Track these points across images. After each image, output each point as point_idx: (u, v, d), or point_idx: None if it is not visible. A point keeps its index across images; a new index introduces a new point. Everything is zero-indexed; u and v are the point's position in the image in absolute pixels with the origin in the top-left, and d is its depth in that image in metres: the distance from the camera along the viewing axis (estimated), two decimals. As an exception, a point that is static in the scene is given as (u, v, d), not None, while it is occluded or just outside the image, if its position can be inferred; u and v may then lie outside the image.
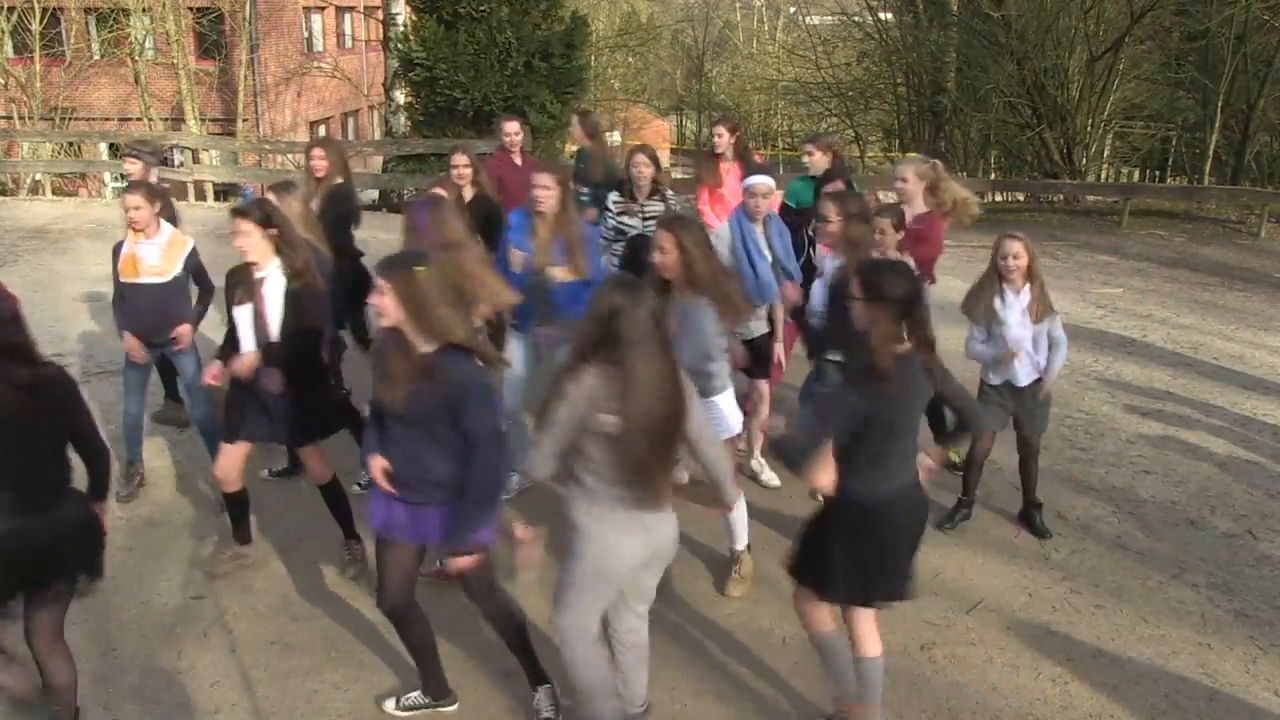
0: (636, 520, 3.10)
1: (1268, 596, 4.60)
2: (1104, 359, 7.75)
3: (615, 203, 5.80)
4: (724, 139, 6.41)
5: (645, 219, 5.71)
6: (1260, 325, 8.90)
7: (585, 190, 6.68)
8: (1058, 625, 4.34)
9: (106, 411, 5.87)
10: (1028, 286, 4.71)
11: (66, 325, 7.79)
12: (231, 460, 4.33)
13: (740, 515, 4.41)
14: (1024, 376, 4.79)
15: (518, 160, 6.58)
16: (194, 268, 5.18)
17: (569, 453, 3.07)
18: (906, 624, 4.30)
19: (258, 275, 4.17)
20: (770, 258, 4.91)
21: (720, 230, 4.97)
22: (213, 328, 5.96)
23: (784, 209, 5.77)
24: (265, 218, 4.15)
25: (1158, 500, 5.49)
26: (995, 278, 4.73)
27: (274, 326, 4.19)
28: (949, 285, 9.89)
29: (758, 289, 4.80)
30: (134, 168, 5.90)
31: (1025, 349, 4.73)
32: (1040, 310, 4.74)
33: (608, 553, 3.12)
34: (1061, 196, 15.37)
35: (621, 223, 5.78)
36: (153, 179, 5.86)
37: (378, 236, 11.66)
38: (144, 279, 4.99)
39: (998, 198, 16.26)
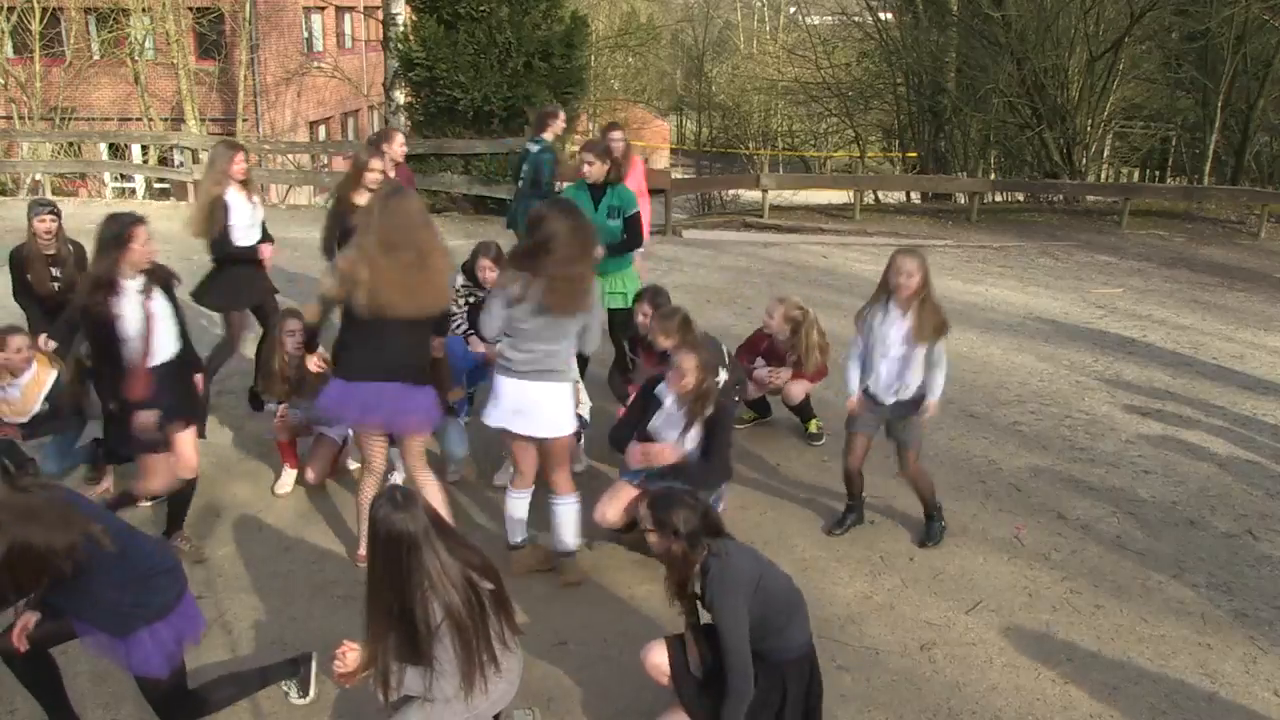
0: None
1: (1268, 596, 4.60)
2: (1104, 359, 7.75)
3: (464, 286, 5.68)
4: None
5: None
6: (1260, 325, 8.90)
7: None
8: (1058, 625, 4.34)
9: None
10: (914, 308, 4.50)
11: (66, 325, 7.78)
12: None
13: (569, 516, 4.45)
14: (887, 395, 4.67)
15: None
16: (56, 399, 5.02)
17: None
18: (906, 624, 4.30)
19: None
20: None
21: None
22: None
23: None
24: None
25: (1158, 500, 5.48)
26: (885, 292, 4.57)
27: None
28: (947, 285, 9.91)
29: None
30: (53, 223, 5.55)
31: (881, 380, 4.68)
32: (923, 333, 4.51)
33: None
34: (1061, 196, 15.38)
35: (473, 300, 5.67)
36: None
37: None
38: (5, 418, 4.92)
39: (998, 198, 16.27)
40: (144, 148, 19.40)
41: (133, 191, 19.83)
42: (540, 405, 4.24)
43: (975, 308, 9.08)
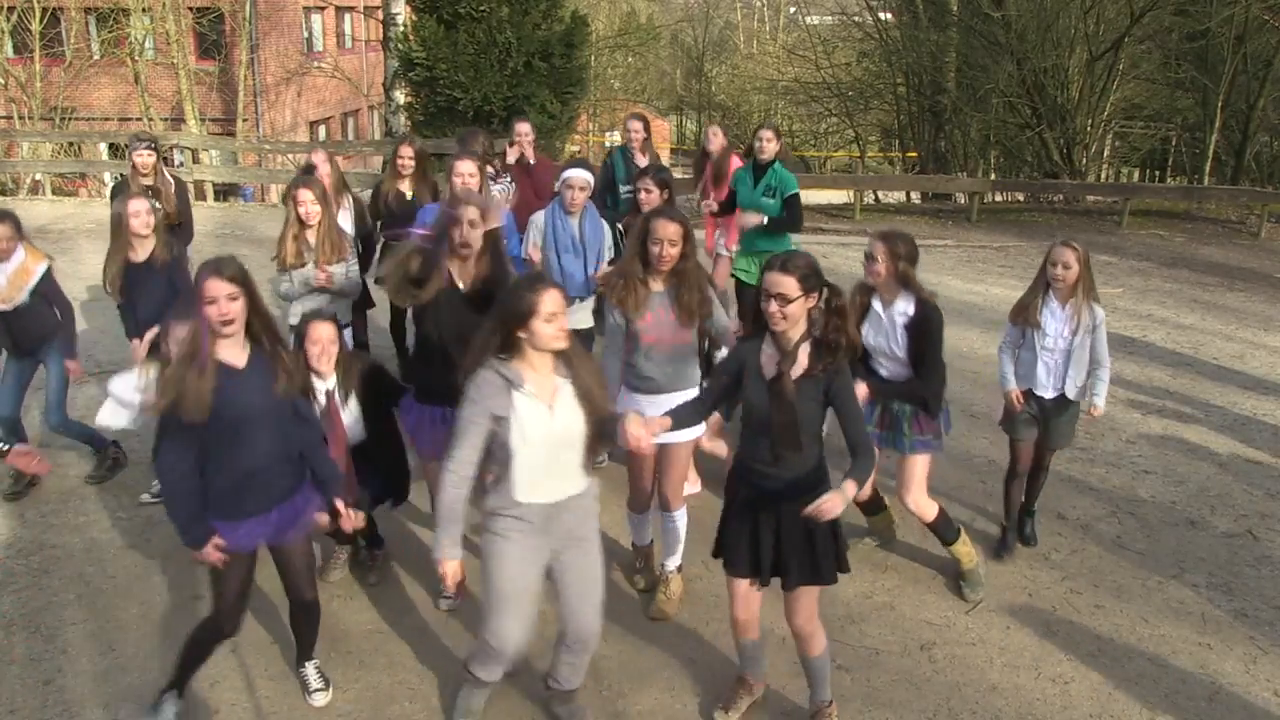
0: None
1: (1268, 596, 4.60)
2: (1104, 359, 7.75)
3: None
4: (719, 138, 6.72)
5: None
6: (1260, 325, 8.90)
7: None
8: (1058, 625, 4.34)
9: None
10: (1073, 300, 4.42)
11: (66, 325, 7.78)
12: None
13: (678, 530, 4.31)
14: (1050, 389, 4.56)
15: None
16: (47, 292, 5.02)
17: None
18: (906, 624, 4.31)
19: None
20: (583, 251, 5.08)
21: (535, 219, 5.19)
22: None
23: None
24: None
25: (1158, 500, 5.49)
26: (1043, 285, 4.48)
27: None
28: (947, 284, 9.91)
29: (562, 282, 4.62)
30: (150, 158, 6.02)
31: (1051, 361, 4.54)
32: (1077, 323, 4.45)
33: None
34: (1061, 196, 15.38)
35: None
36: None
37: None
38: None
39: (998, 198, 16.27)
40: (144, 148, 19.40)
41: (133, 191, 19.83)
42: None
43: (975, 308, 9.08)
